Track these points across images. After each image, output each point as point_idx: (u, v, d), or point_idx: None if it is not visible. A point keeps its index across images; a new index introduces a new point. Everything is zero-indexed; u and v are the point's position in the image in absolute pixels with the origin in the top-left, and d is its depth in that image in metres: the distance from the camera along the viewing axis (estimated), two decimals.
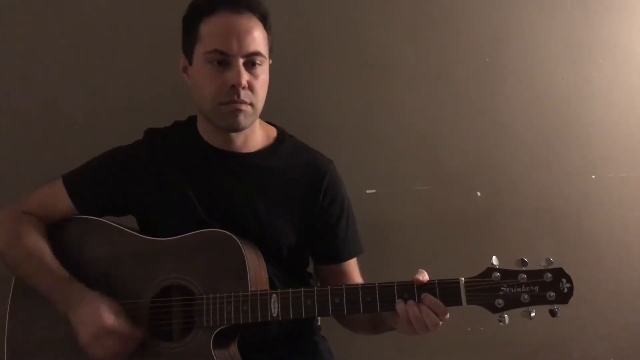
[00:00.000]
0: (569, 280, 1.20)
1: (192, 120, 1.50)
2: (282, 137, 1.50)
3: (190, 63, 1.39)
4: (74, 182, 1.46)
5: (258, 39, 1.35)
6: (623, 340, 2.04)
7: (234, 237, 1.35)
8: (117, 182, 1.45)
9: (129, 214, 1.50)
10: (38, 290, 1.37)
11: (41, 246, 1.39)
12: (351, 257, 1.51)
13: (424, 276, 1.25)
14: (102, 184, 1.46)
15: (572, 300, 1.21)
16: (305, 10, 1.94)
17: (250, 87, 1.34)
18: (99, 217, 1.46)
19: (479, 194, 2.00)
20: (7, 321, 1.42)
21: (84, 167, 1.49)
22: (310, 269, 1.58)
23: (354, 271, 1.51)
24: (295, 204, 1.45)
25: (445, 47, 1.98)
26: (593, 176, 2.04)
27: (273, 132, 1.51)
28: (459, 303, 1.22)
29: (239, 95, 1.33)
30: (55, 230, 1.44)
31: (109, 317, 1.29)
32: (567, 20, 2.01)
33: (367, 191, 1.94)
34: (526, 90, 2.01)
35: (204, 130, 1.46)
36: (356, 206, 1.60)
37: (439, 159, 2.00)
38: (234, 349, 1.38)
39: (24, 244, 1.39)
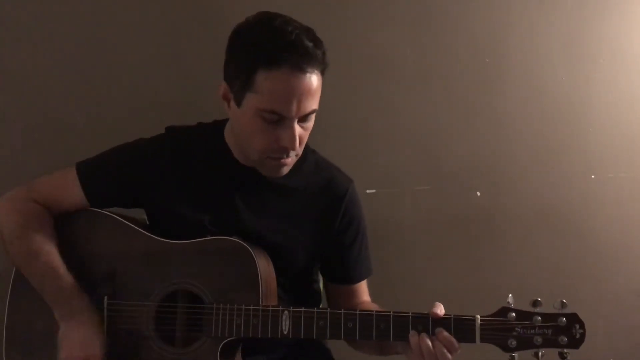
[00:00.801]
0: (582, 326, 1.20)
1: (219, 127, 1.44)
2: (304, 154, 1.43)
3: (238, 104, 1.28)
4: (87, 171, 1.43)
5: (316, 93, 1.27)
6: (623, 340, 2.04)
7: (249, 248, 1.32)
8: (134, 177, 1.41)
9: (139, 207, 1.47)
10: (38, 290, 1.35)
11: (49, 248, 1.36)
12: (361, 280, 1.49)
13: (441, 310, 1.24)
14: (118, 177, 1.42)
15: (571, 300, 1.22)
16: (305, 10, 1.93)
17: (300, 141, 1.29)
18: (108, 207, 1.44)
19: (479, 194, 2.00)
20: (5, 315, 1.41)
21: (99, 158, 1.44)
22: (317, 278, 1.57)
23: (363, 292, 1.50)
24: (312, 224, 1.43)
25: (445, 47, 1.98)
26: (593, 176, 2.04)
27: None
28: (473, 341, 1.22)
29: (288, 155, 1.30)
30: (64, 222, 1.41)
31: (95, 354, 1.29)
32: (567, 20, 2.01)
33: (367, 191, 1.94)
34: (526, 90, 2.01)
35: (232, 144, 1.41)
36: None
37: (439, 159, 2.00)
38: (238, 357, 1.37)
39: (32, 240, 1.35)
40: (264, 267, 1.34)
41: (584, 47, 2.02)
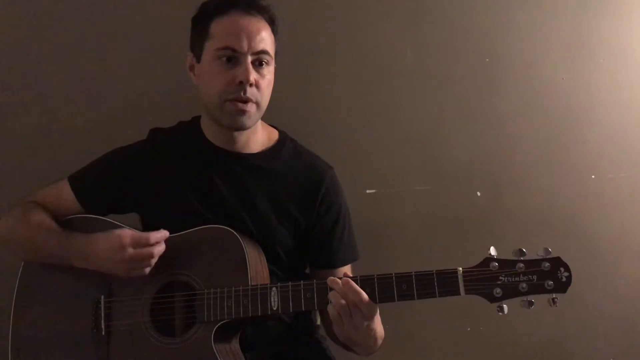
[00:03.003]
0: (567, 269, 1.20)
1: (196, 120, 1.52)
2: (283, 140, 1.52)
3: (199, 60, 1.41)
4: (79, 182, 1.50)
5: (266, 39, 1.39)
6: (623, 340, 2.04)
7: (235, 232, 1.36)
8: (121, 181, 1.48)
9: (133, 212, 1.52)
10: (52, 256, 1.40)
11: (46, 217, 1.44)
12: (344, 264, 1.51)
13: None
14: (107, 183, 1.49)
15: (571, 300, 1.21)
16: (304, 10, 1.94)
17: (257, 85, 1.37)
18: (104, 215, 1.48)
19: (479, 194, 2.00)
20: (11, 318, 1.43)
21: (88, 167, 1.52)
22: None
23: None
24: (293, 208, 1.46)
25: (445, 47, 1.99)
26: (593, 176, 2.04)
27: (275, 134, 1.52)
28: (457, 293, 1.23)
29: (245, 92, 1.36)
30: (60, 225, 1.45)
31: (125, 234, 1.33)
32: (567, 20, 2.01)
33: (367, 191, 1.94)
34: (526, 90, 2.01)
35: (208, 129, 1.48)
36: (356, 206, 1.61)
37: (439, 159, 2.00)
38: (235, 344, 1.39)
39: (31, 219, 1.43)
40: (253, 251, 1.37)
41: (584, 47, 2.02)
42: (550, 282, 1.19)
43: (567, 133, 2.03)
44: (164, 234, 1.35)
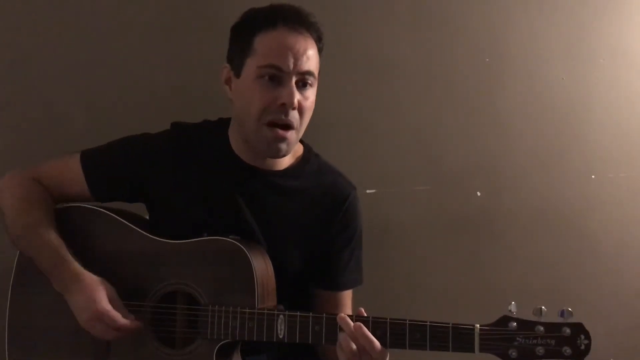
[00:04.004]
0: (588, 337, 1.16)
1: (223, 125, 1.46)
2: (307, 156, 1.47)
3: (238, 75, 1.35)
4: (91, 161, 1.44)
5: (313, 58, 1.34)
6: (623, 340, 2.04)
7: (245, 249, 1.31)
8: (136, 170, 1.42)
9: (140, 201, 1.47)
10: (38, 264, 1.35)
11: (48, 221, 1.37)
12: (346, 289, 1.48)
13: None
14: (120, 169, 1.43)
15: (571, 300, 1.20)
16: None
17: (299, 109, 1.32)
18: (110, 200, 1.45)
19: (479, 194, 2.00)
20: (7, 311, 1.41)
21: (104, 148, 1.46)
22: None
23: (345, 304, 1.48)
24: (310, 228, 1.42)
25: (445, 47, 1.98)
26: (593, 176, 2.04)
27: (300, 149, 1.48)
28: (472, 350, 1.18)
29: (286, 115, 1.30)
30: (61, 218, 1.41)
31: (103, 302, 1.27)
32: (567, 20, 2.01)
33: (367, 191, 1.94)
34: (526, 90, 2.01)
35: (236, 142, 1.42)
36: None
37: (439, 159, 2.00)
38: (236, 357, 1.37)
39: (33, 214, 1.37)
40: (261, 268, 1.33)
41: (584, 47, 2.02)
42: (568, 350, 1.15)
43: (567, 133, 2.03)
44: (132, 324, 1.28)
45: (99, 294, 1.28)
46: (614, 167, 2.04)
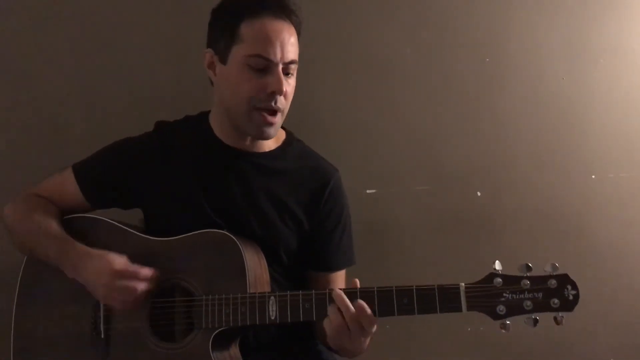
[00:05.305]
0: (575, 287, 1.16)
1: (204, 115, 1.51)
2: (290, 140, 1.51)
3: (224, 62, 1.37)
4: (83, 171, 1.49)
5: (295, 46, 1.37)
6: (623, 340, 2.04)
7: (234, 238, 1.35)
8: (125, 173, 1.46)
9: (136, 206, 1.51)
10: (48, 258, 1.39)
11: (49, 218, 1.42)
12: (339, 269, 1.51)
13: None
14: (110, 174, 1.47)
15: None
16: (305, 11, 1.93)
17: (285, 95, 1.36)
18: (106, 207, 1.48)
19: (479, 194, 2.00)
20: (13, 319, 1.43)
21: (93, 157, 1.51)
22: None
23: (340, 284, 1.50)
24: (297, 209, 1.46)
25: (445, 47, 1.98)
26: (593, 176, 2.04)
27: (282, 134, 1.52)
28: (459, 309, 1.20)
29: (276, 102, 1.35)
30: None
31: (118, 261, 1.31)
32: (567, 20, 2.01)
33: (367, 191, 1.94)
34: (526, 90, 2.01)
35: (218, 126, 1.46)
36: (356, 206, 1.61)
37: (439, 159, 2.00)
38: (234, 350, 1.38)
39: (34, 217, 1.42)
40: (252, 257, 1.36)
41: (584, 47, 2.02)
42: (556, 301, 1.15)
43: (567, 133, 2.03)
44: (153, 272, 1.32)
45: (112, 257, 1.32)
46: (614, 167, 2.03)
